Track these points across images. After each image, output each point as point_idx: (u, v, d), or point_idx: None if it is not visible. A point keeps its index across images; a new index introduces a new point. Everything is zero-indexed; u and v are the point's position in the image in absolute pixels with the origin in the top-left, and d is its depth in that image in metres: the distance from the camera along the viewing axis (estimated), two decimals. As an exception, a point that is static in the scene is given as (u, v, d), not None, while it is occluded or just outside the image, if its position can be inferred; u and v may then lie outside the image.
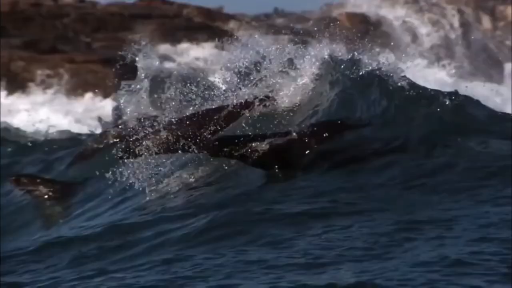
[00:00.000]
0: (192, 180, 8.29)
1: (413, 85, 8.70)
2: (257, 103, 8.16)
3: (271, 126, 8.39)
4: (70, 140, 13.08)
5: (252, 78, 9.05)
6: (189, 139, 7.83)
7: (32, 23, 28.36)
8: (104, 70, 24.24)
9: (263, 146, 7.66)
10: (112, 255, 6.56)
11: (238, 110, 8.00)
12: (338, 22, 26.16)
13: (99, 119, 12.54)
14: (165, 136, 7.87)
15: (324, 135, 7.83)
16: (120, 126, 10.88)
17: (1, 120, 18.93)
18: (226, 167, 8.14)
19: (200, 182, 8.22)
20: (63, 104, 22.35)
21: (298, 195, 7.20)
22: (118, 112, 11.46)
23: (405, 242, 5.86)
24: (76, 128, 16.95)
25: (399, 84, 8.67)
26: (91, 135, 12.00)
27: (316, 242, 6.03)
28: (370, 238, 5.98)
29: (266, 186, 7.64)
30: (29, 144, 13.19)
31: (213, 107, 8.11)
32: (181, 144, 7.83)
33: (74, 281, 5.89)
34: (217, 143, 7.72)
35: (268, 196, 7.28)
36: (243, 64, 9.23)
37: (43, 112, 20.89)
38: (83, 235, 7.34)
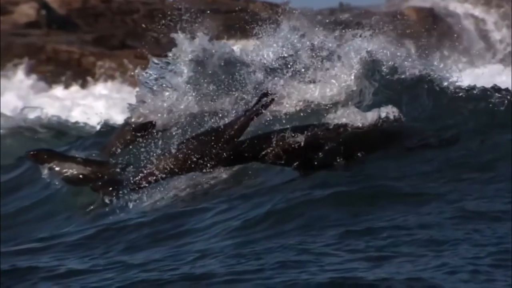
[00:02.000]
0: (244, 168, 8.31)
1: (463, 83, 8.67)
2: (265, 104, 8.09)
3: (315, 119, 8.38)
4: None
5: (291, 70, 9.10)
6: (202, 158, 7.86)
7: (103, 19, 28.79)
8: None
9: (296, 141, 7.62)
10: (167, 243, 6.61)
11: (249, 118, 8.03)
12: (404, 17, 25.91)
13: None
14: (176, 157, 7.88)
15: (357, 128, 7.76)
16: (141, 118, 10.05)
17: (59, 114, 19.10)
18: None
19: (253, 169, 8.21)
20: (125, 99, 22.43)
21: (352, 181, 7.19)
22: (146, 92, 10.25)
23: (461, 235, 5.86)
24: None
25: (450, 83, 8.65)
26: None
27: (372, 232, 6.05)
28: (425, 230, 5.98)
29: (314, 176, 7.58)
30: (84, 137, 12.99)
31: (222, 123, 8.12)
32: (194, 163, 7.88)
33: (131, 268, 5.97)
34: (233, 150, 7.67)
35: (321, 183, 7.24)
36: (285, 56, 9.26)
37: (102, 105, 20.91)
38: (137, 221, 7.34)
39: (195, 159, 7.82)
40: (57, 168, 9.14)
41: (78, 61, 26.84)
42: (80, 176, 9.11)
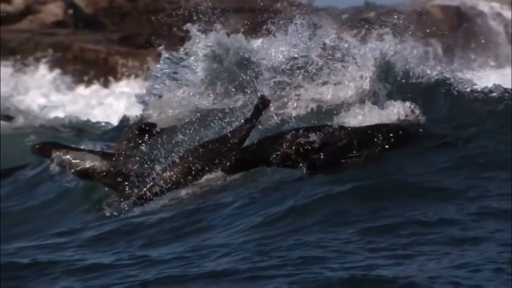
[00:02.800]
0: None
1: (485, 84, 8.65)
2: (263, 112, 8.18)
3: (328, 119, 8.34)
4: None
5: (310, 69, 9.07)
6: (207, 167, 8.02)
7: (129, 18, 28.92)
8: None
9: (308, 141, 7.60)
10: (188, 238, 6.62)
11: (251, 126, 8.12)
12: (429, 15, 25.70)
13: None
14: (180, 167, 8.04)
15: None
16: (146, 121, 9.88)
17: (82, 112, 19.12)
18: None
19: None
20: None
21: (372, 177, 7.20)
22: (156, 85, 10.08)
23: (482, 233, 5.86)
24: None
25: (469, 84, 8.62)
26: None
27: (393, 229, 6.06)
28: (446, 227, 5.99)
29: (334, 171, 7.57)
30: (102, 134, 12.84)
31: (224, 133, 8.22)
32: (199, 174, 8.02)
33: (154, 264, 5.98)
34: (238, 157, 7.69)
35: (341, 179, 7.24)
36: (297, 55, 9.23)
37: (124, 104, 20.87)
38: (156, 217, 7.34)
39: (200, 168, 7.95)
40: (64, 161, 8.91)
41: (104, 60, 26.97)
42: (89, 168, 8.87)
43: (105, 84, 25.43)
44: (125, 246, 6.70)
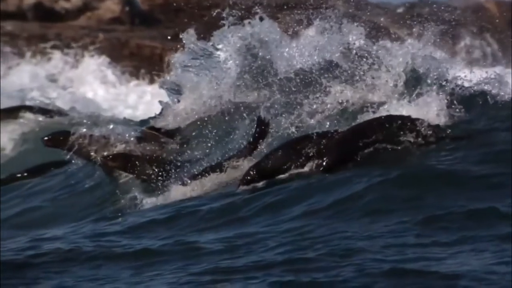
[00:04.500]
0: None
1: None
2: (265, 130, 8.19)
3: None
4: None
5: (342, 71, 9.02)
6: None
7: (183, 14, 29.12)
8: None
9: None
10: (229, 228, 6.65)
11: (255, 146, 8.22)
12: (484, 11, 25.36)
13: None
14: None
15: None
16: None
17: (131, 108, 19.09)
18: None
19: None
20: None
21: (415, 167, 7.19)
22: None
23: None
24: None
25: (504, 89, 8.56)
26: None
27: (437, 220, 6.06)
28: (495, 220, 5.97)
29: (381, 163, 7.46)
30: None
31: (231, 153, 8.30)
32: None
33: (201, 254, 6.00)
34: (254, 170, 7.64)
35: (384, 170, 7.17)
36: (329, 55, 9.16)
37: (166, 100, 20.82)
38: (196, 206, 7.31)
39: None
40: (85, 147, 8.74)
41: (159, 56, 27.20)
42: (104, 155, 8.69)
43: (152, 80, 25.53)
44: (168, 233, 6.69)
